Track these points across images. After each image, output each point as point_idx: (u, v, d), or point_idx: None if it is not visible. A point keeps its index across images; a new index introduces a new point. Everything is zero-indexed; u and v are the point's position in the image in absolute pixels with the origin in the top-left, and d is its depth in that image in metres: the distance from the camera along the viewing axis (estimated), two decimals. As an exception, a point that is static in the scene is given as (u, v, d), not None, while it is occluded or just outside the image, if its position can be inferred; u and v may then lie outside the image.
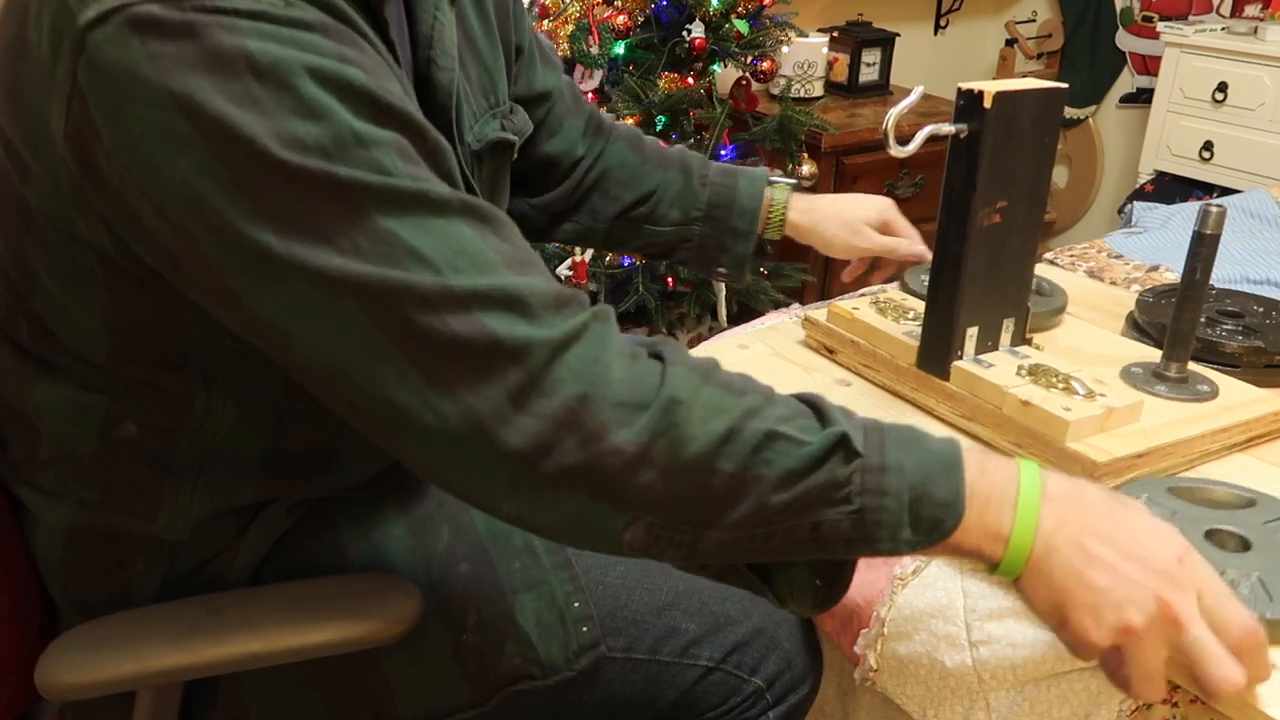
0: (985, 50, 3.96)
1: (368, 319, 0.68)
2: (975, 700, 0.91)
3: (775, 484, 0.71)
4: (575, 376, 0.69)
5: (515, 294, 0.70)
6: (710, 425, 0.71)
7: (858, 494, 0.72)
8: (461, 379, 0.69)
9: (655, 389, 0.71)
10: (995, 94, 0.99)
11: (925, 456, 0.75)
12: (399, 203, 0.69)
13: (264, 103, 0.66)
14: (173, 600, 0.85)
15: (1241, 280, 1.68)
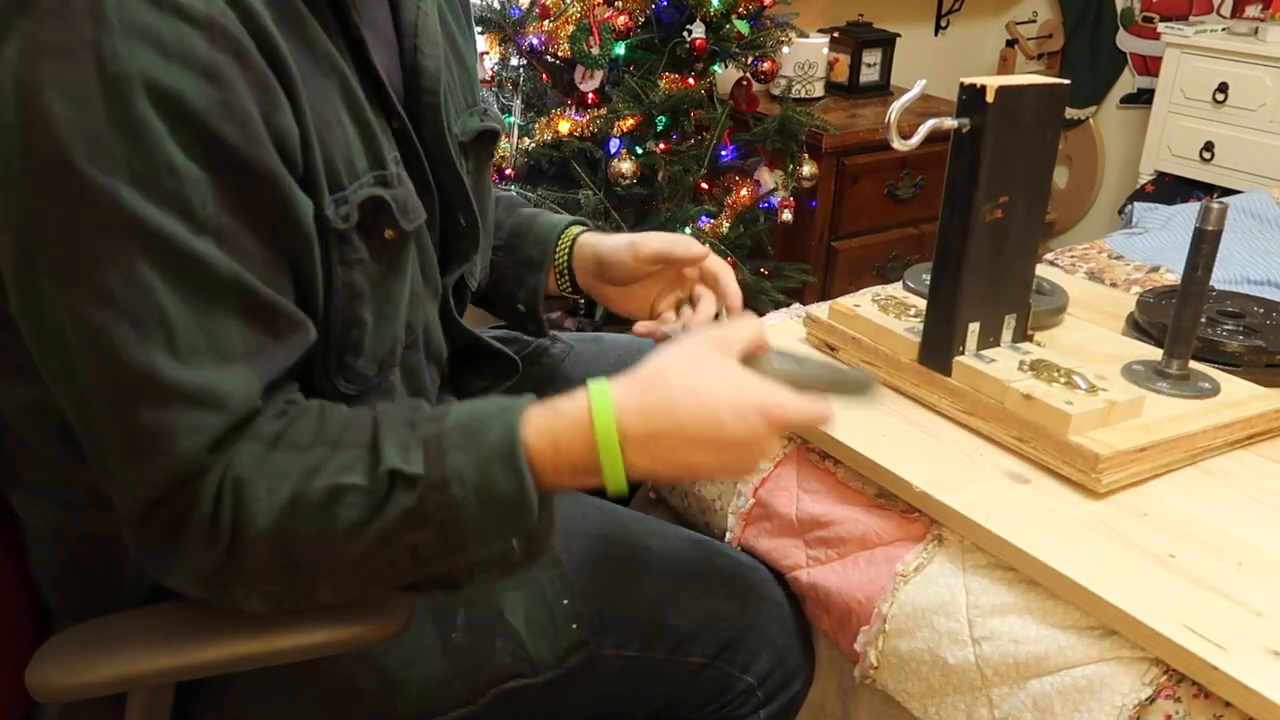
0: (986, 51, 3.96)
1: (84, 362, 0.70)
2: (978, 696, 0.91)
3: (350, 534, 0.74)
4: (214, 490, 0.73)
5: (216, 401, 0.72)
6: (276, 496, 0.73)
7: (433, 511, 0.75)
8: (132, 454, 0.71)
9: (235, 482, 0.73)
10: (998, 88, 0.99)
11: (484, 454, 0.76)
12: (173, 261, 0.69)
13: (90, 107, 0.65)
14: (164, 602, 0.85)
15: (1242, 281, 1.68)
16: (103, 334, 0.68)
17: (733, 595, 1.04)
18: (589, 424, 0.77)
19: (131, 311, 0.68)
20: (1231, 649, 0.79)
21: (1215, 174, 3.07)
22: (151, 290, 0.68)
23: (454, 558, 0.78)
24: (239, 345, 0.72)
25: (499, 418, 0.77)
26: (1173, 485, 1.01)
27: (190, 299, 0.69)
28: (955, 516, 0.96)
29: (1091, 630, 0.86)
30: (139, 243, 0.67)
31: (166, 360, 0.69)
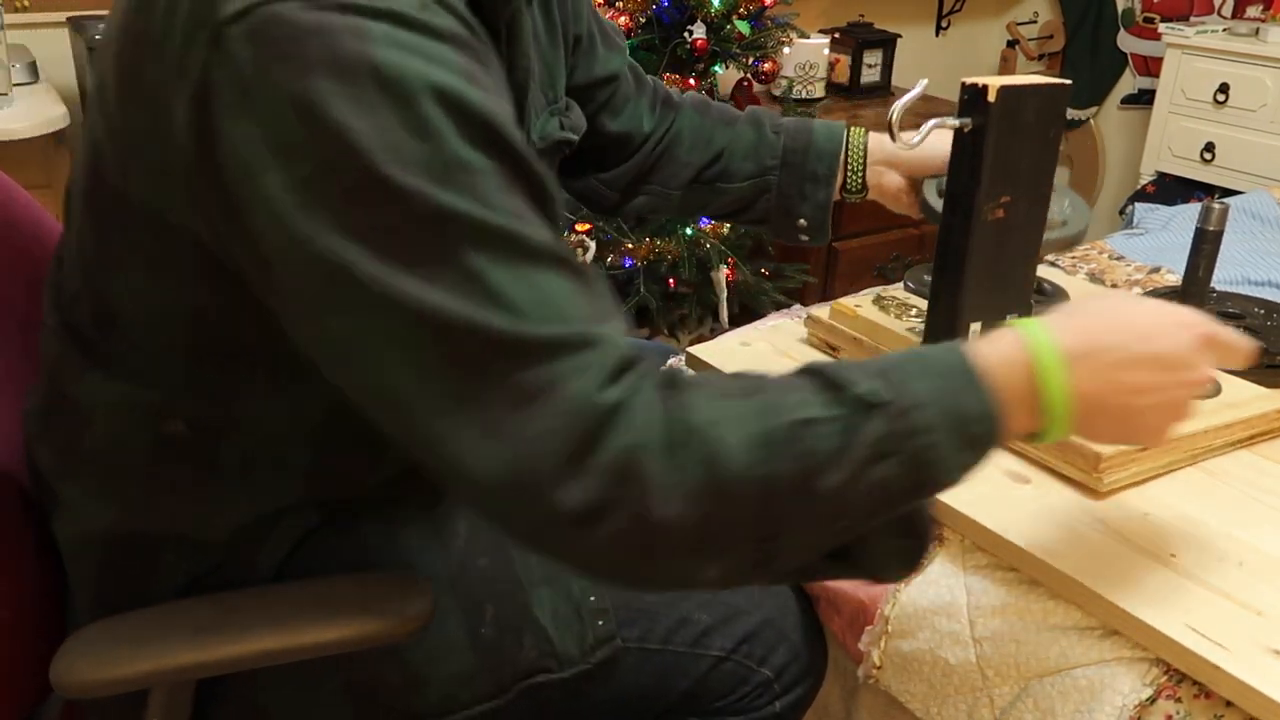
0: (986, 51, 3.96)
1: (434, 354, 0.67)
2: (979, 697, 0.91)
3: (828, 466, 0.69)
4: (629, 441, 0.66)
5: (587, 352, 0.67)
6: (741, 439, 0.68)
7: (900, 441, 0.71)
8: (519, 432, 0.66)
9: (686, 427, 0.68)
10: (1000, 88, 0.99)
11: (937, 375, 0.73)
12: (491, 240, 0.67)
13: (380, 114, 0.65)
14: (188, 598, 0.85)
15: (1242, 281, 1.68)
16: (456, 320, 0.66)
17: (750, 591, 1.05)
18: (1020, 339, 0.75)
19: (475, 297, 0.66)
20: (1233, 648, 0.79)
21: (1216, 174, 3.07)
22: (484, 274, 0.67)
23: (919, 493, 0.74)
24: (585, 307, 0.70)
25: (943, 350, 0.75)
26: (1173, 485, 1.01)
27: (523, 273, 0.68)
28: (956, 516, 0.96)
29: (1092, 631, 0.87)
30: (457, 234, 0.67)
31: (528, 326, 0.67)
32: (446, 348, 0.66)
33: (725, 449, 0.67)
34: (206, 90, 0.67)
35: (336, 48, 0.65)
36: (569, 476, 0.66)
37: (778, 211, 1.25)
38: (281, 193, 0.66)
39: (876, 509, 0.73)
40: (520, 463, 0.66)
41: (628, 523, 0.66)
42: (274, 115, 0.65)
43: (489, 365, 0.66)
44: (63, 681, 0.77)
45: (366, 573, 0.91)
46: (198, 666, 0.81)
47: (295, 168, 0.66)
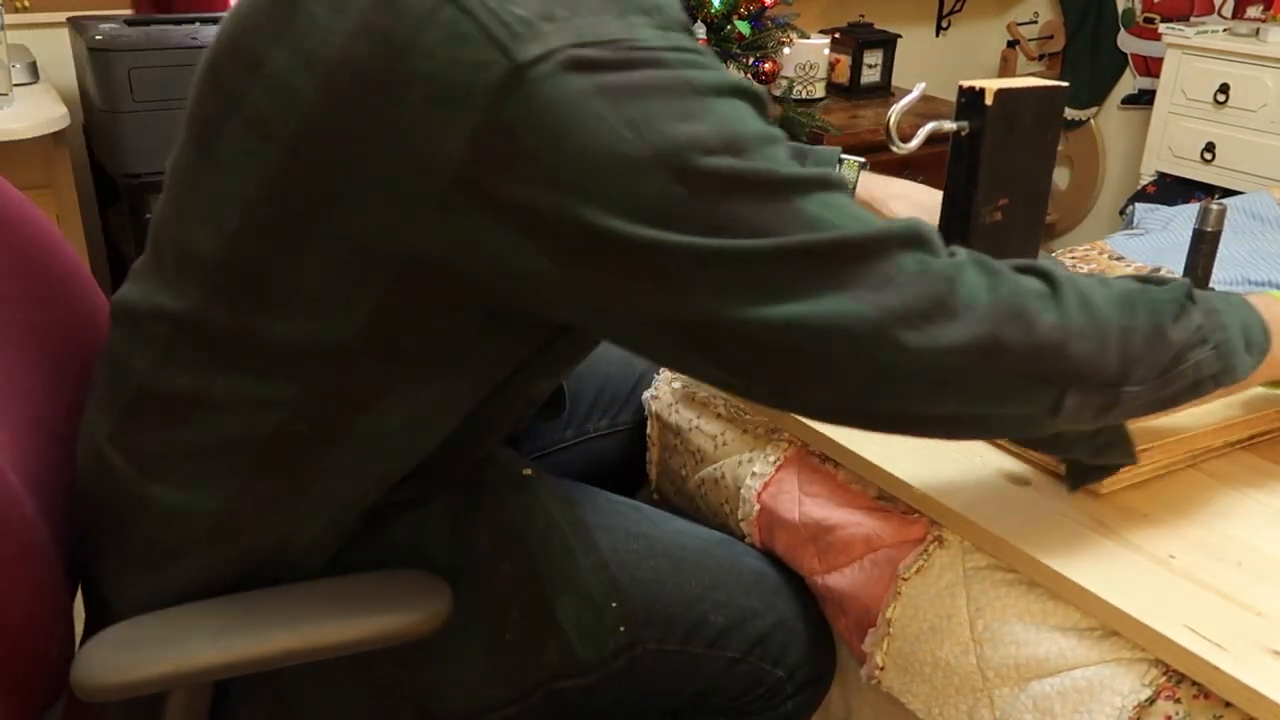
0: (987, 51, 3.96)
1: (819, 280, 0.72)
2: (979, 698, 0.91)
3: (1170, 326, 0.82)
4: (991, 284, 0.76)
5: (914, 234, 0.76)
6: (1101, 295, 0.80)
7: (1209, 332, 0.85)
8: (907, 305, 0.73)
9: (1051, 279, 0.78)
10: (996, 91, 0.99)
11: (1222, 297, 0.89)
12: (806, 185, 0.74)
13: (707, 118, 0.72)
14: (208, 599, 0.86)
15: (1243, 282, 1.68)
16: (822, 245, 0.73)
17: (764, 593, 1.07)
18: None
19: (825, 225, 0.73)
20: (1231, 649, 0.79)
21: (1216, 175, 3.07)
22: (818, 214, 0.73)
23: (1217, 381, 0.87)
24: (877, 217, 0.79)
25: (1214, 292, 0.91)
26: (1173, 486, 1.01)
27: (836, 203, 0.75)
28: (955, 518, 0.96)
29: (1091, 631, 0.87)
30: (792, 191, 0.73)
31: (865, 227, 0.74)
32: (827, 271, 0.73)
33: (1095, 297, 0.79)
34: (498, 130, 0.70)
35: (649, 73, 0.72)
36: (960, 319, 0.74)
37: None
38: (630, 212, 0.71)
39: (1193, 387, 0.86)
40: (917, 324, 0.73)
41: (1019, 348, 0.75)
42: (609, 140, 0.70)
43: (858, 266, 0.73)
44: (84, 685, 0.77)
45: (385, 571, 0.91)
46: (219, 668, 0.81)
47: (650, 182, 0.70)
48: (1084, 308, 0.78)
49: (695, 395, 1.26)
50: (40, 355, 1.02)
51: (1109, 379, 0.79)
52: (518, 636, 0.94)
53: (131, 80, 2.16)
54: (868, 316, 0.72)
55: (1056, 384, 0.77)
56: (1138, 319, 0.81)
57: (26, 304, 1.02)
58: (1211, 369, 0.85)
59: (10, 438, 0.92)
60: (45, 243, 1.05)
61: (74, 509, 1.00)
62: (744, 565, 1.08)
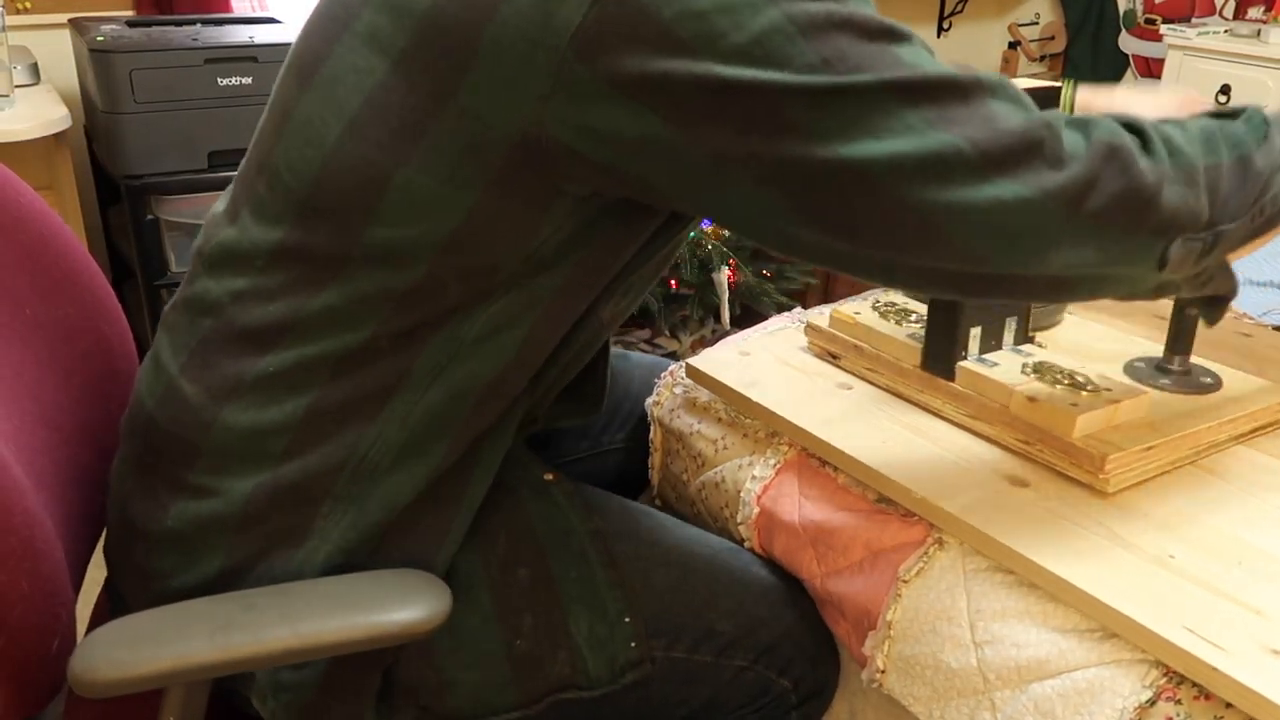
0: (988, 52, 3.96)
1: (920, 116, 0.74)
2: (980, 700, 0.91)
3: (1254, 154, 0.83)
4: (1086, 131, 0.77)
5: (1009, 86, 0.78)
6: (1183, 139, 0.80)
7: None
8: (1009, 147, 0.75)
9: (1137, 128, 0.80)
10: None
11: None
12: (903, 37, 0.77)
13: (803, 16, 0.74)
14: (205, 596, 0.86)
15: (1245, 283, 1.67)
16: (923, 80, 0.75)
17: (771, 602, 1.06)
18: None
19: (922, 65, 0.76)
20: (1231, 649, 0.79)
21: (1217, 175, 3.07)
22: (914, 60, 0.76)
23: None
24: None
25: None
26: (1173, 484, 1.01)
27: (924, 55, 0.77)
28: (954, 522, 0.96)
29: (1092, 633, 0.87)
30: (893, 42, 0.76)
31: (964, 71, 0.77)
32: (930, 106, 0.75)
33: (1178, 141, 0.80)
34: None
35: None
36: (1061, 165, 0.76)
37: None
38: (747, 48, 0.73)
39: (1270, 219, 0.88)
40: (1020, 166, 0.75)
41: (1119, 192, 0.76)
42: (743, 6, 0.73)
43: (960, 104, 0.75)
44: (82, 680, 0.77)
45: (384, 570, 0.91)
46: (218, 665, 0.81)
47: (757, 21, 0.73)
48: (1173, 154, 0.79)
49: (696, 400, 1.26)
50: (48, 352, 1.02)
51: (1207, 221, 0.81)
52: (530, 644, 0.94)
53: (133, 81, 2.17)
54: (968, 155, 0.74)
55: (1160, 234, 0.79)
56: (1222, 155, 0.82)
57: (35, 301, 1.02)
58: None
59: (15, 432, 0.93)
60: (55, 240, 1.05)
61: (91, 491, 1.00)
62: (752, 574, 1.08)
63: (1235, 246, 0.87)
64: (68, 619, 0.92)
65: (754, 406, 1.18)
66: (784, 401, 1.16)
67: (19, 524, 0.83)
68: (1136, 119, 0.81)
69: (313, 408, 0.87)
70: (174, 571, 0.91)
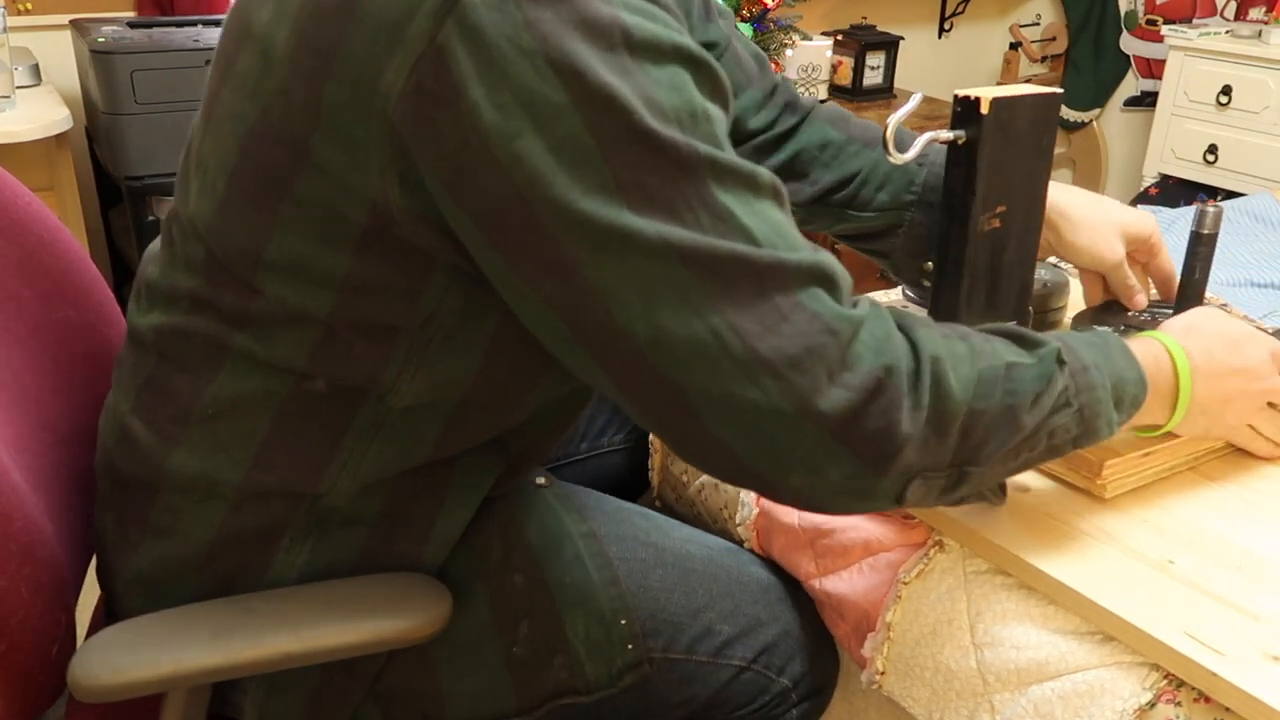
0: (989, 53, 3.96)
1: (702, 292, 0.70)
2: (980, 702, 0.91)
3: (1022, 408, 0.80)
4: (875, 350, 0.73)
5: (824, 271, 0.73)
6: (962, 375, 0.77)
7: (1074, 395, 0.83)
8: (784, 353, 0.71)
9: (918, 356, 0.75)
10: (992, 100, 0.99)
11: (1102, 349, 0.88)
12: (731, 178, 0.72)
13: (635, 74, 0.69)
14: (205, 601, 0.86)
15: (1245, 284, 1.68)
16: (719, 254, 0.70)
17: (770, 602, 1.06)
18: (1166, 353, 0.94)
19: (732, 233, 0.71)
20: (1230, 654, 0.79)
21: (1219, 177, 3.07)
22: (732, 211, 0.71)
23: (1080, 441, 0.86)
24: (797, 233, 0.75)
25: (1100, 333, 0.92)
26: (1172, 490, 1.01)
27: (755, 208, 0.72)
28: (954, 525, 0.96)
29: (1092, 635, 0.87)
30: (710, 176, 0.71)
31: (774, 251, 0.71)
32: (711, 284, 0.70)
33: (950, 382, 0.76)
34: (435, 59, 0.68)
35: (584, 10, 0.68)
36: (832, 385, 0.72)
37: (903, 253, 1.20)
38: (541, 154, 0.68)
39: (1048, 451, 0.85)
40: (787, 384, 0.71)
41: (875, 433, 0.73)
42: (530, 79, 0.67)
43: (751, 295, 0.70)
44: (81, 685, 0.77)
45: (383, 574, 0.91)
46: (217, 670, 0.81)
47: (557, 128, 0.68)
48: (939, 397, 0.75)
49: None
50: (47, 356, 1.02)
51: (951, 461, 0.78)
52: (526, 650, 0.94)
53: (134, 82, 2.17)
54: (736, 352, 0.70)
55: (901, 476, 0.75)
56: (992, 402, 0.78)
57: (35, 304, 1.02)
58: (1071, 432, 0.84)
59: (15, 437, 0.93)
60: (54, 243, 1.05)
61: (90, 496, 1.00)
62: (750, 574, 1.08)
63: (991, 483, 0.85)
64: (67, 624, 0.92)
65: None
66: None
67: (18, 529, 0.83)
68: (924, 339, 0.76)
69: (259, 455, 0.86)
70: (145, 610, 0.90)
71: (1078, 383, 0.83)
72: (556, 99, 0.67)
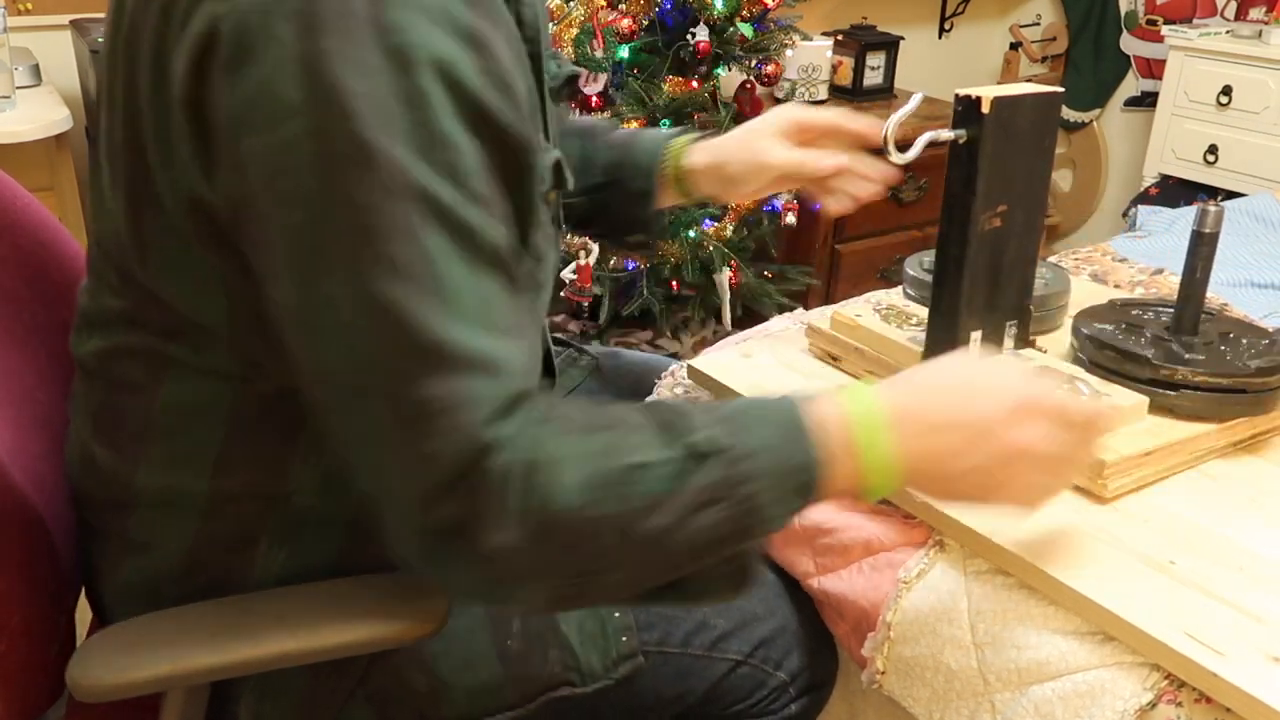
0: (989, 53, 3.96)
1: (367, 341, 0.68)
2: (980, 702, 0.91)
3: (647, 512, 0.72)
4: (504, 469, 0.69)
5: (492, 380, 0.69)
6: (577, 479, 0.71)
7: (730, 488, 0.73)
8: (410, 448, 0.68)
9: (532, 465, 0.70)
10: (993, 99, 0.99)
11: (770, 430, 0.76)
12: (454, 226, 0.68)
13: (377, 78, 0.66)
14: (201, 601, 0.86)
15: (1246, 284, 1.68)
16: (392, 306, 0.67)
17: (767, 596, 1.06)
18: (846, 410, 0.78)
19: (419, 282, 0.67)
20: (1231, 655, 0.79)
21: (1219, 177, 3.07)
22: (435, 259, 0.67)
23: (744, 537, 0.77)
24: (508, 317, 0.71)
25: (778, 401, 0.79)
26: (1174, 490, 1.01)
27: (467, 268, 0.69)
28: (955, 526, 0.96)
29: (1093, 635, 0.87)
30: (423, 212, 0.67)
31: (453, 328, 0.68)
32: (379, 338, 0.67)
33: (561, 488, 0.70)
34: (208, 43, 0.67)
35: (343, 4, 0.65)
36: (442, 497, 0.68)
37: (612, 230, 1.26)
38: (265, 153, 0.66)
39: (701, 552, 0.75)
40: (405, 476, 0.69)
41: (469, 544, 0.69)
42: (271, 73, 0.65)
43: (411, 368, 0.67)
44: (80, 685, 0.77)
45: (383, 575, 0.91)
46: (215, 669, 0.81)
47: (285, 127, 0.66)
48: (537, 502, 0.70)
49: (700, 400, 1.26)
50: (47, 357, 1.02)
51: (569, 571, 0.73)
52: (521, 644, 0.94)
53: (134, 83, 2.16)
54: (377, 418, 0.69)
55: (506, 583, 0.73)
56: (605, 508, 0.71)
57: (34, 305, 1.02)
58: (722, 531, 0.74)
59: (15, 438, 0.93)
60: (54, 244, 1.06)
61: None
62: None
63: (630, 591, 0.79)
64: (67, 624, 0.92)
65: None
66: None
67: (18, 530, 0.83)
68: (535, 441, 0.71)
69: (219, 462, 0.85)
70: None
71: (732, 474, 0.74)
72: (292, 96, 0.65)
